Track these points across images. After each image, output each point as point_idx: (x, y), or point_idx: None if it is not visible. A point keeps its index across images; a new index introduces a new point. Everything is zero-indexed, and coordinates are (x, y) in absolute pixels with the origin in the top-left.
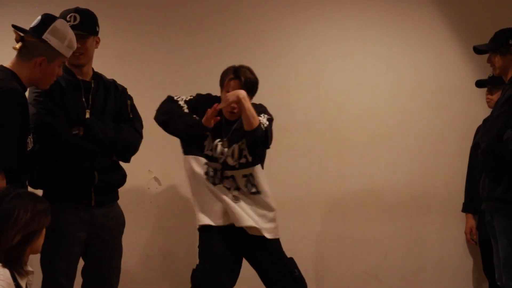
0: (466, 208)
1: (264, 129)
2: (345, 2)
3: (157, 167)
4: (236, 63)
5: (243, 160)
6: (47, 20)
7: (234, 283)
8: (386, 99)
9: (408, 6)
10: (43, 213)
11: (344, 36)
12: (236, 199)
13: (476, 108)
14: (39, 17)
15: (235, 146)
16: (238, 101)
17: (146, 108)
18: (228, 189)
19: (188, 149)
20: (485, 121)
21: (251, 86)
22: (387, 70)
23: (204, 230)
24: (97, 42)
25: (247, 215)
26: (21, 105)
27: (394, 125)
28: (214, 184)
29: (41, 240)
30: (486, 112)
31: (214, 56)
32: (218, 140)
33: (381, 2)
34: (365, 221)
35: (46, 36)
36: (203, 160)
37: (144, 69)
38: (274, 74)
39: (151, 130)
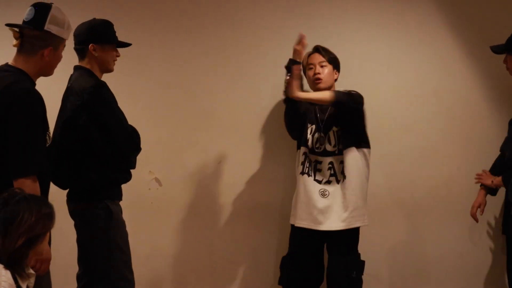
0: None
1: (341, 91)
2: (345, 3)
3: (158, 168)
4: (235, 63)
5: (341, 146)
6: (43, 10)
7: (320, 274)
8: (387, 100)
9: (408, 6)
10: (48, 217)
11: (344, 37)
12: (323, 194)
13: (477, 109)
14: (32, 8)
15: (331, 132)
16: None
17: (147, 107)
18: (319, 182)
19: (298, 143)
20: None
21: (331, 54)
22: (388, 71)
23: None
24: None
25: (327, 217)
26: (40, 105)
27: (395, 125)
28: (308, 175)
29: (45, 244)
30: (487, 111)
31: (212, 55)
32: (314, 128)
33: (381, 3)
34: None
35: (48, 26)
36: (303, 150)
37: (143, 68)
38: (274, 75)
39: (153, 131)
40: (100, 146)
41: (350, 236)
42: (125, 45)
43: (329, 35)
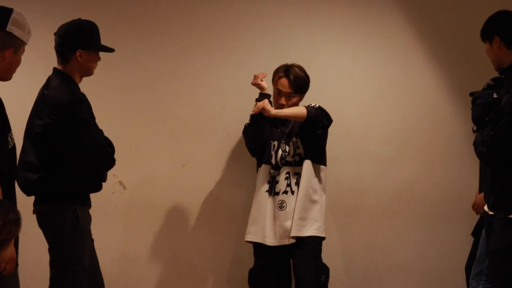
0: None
1: (315, 106)
2: (309, 6)
3: (122, 172)
4: (198, 66)
5: (297, 158)
6: (4, 12)
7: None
8: (351, 103)
9: (372, 9)
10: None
11: (308, 40)
12: (281, 206)
13: (441, 112)
14: None
15: (291, 143)
16: (265, 112)
17: (110, 110)
18: (277, 193)
19: (259, 161)
20: None
21: (301, 83)
22: (353, 74)
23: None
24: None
25: (286, 230)
26: None
27: (360, 129)
28: (270, 193)
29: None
30: (451, 115)
31: (176, 58)
32: (277, 145)
33: (346, 6)
34: (335, 226)
35: (10, 27)
36: (267, 168)
37: (106, 71)
38: (238, 77)
39: (117, 134)
40: (73, 162)
41: (314, 243)
42: (108, 49)
43: (293, 37)
